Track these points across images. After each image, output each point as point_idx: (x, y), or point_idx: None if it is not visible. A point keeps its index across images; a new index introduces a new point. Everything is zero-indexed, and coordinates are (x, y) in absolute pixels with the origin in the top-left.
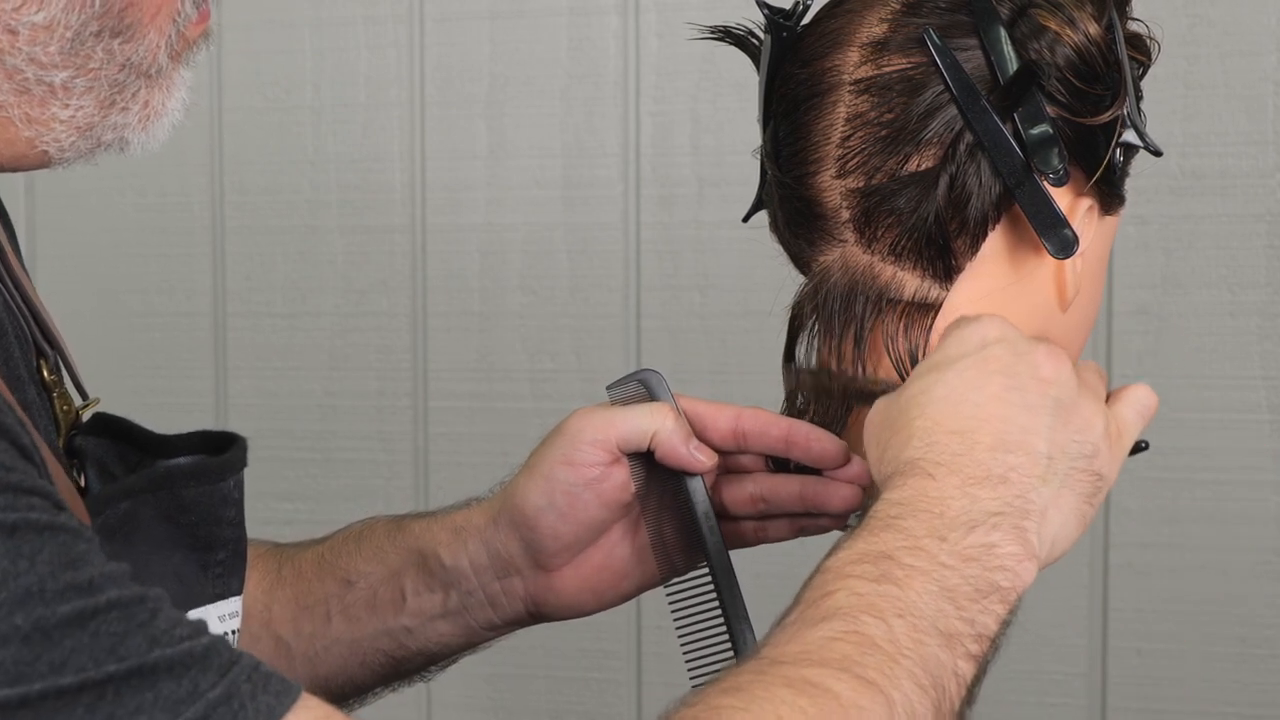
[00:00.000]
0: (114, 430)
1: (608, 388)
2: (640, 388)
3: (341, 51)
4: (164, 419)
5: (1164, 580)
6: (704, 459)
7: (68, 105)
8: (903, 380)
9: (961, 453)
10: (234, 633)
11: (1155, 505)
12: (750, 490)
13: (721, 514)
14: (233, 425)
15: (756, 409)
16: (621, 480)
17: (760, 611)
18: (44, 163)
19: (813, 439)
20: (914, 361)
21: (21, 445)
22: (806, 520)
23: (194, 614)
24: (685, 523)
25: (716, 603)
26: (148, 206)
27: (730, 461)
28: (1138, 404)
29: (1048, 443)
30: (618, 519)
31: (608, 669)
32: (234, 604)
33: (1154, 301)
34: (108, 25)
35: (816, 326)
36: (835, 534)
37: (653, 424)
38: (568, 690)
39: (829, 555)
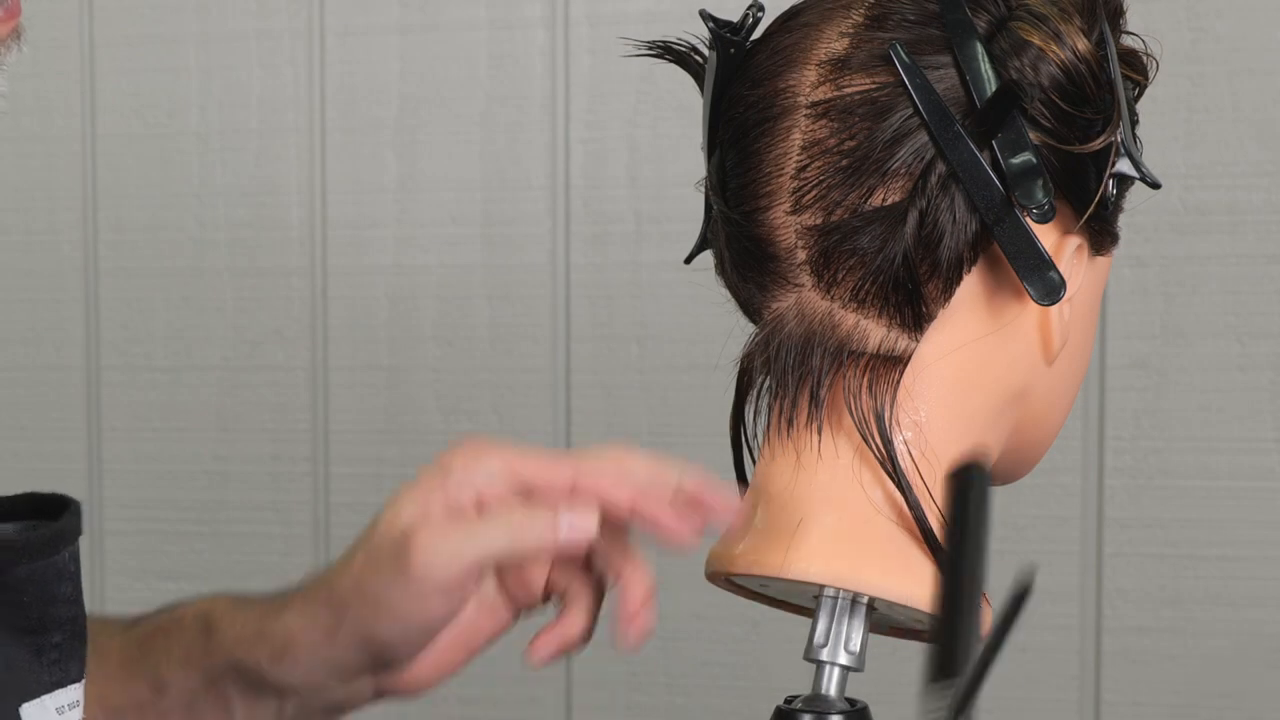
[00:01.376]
0: None
1: None
2: None
3: (231, 70)
4: (30, 487)
5: (1164, 670)
6: (585, 525)
7: None
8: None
9: None
10: None
11: (1154, 585)
12: (551, 578)
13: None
14: (109, 493)
15: (599, 463)
16: (471, 587)
17: (712, 704)
18: None
19: (662, 517)
20: (879, 422)
21: None
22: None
23: (28, 706)
24: None
25: None
26: (11, 245)
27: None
28: None
29: None
30: None
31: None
32: (74, 692)
33: (1153, 354)
34: None
35: (768, 383)
36: None
37: (512, 547)
38: None
39: None
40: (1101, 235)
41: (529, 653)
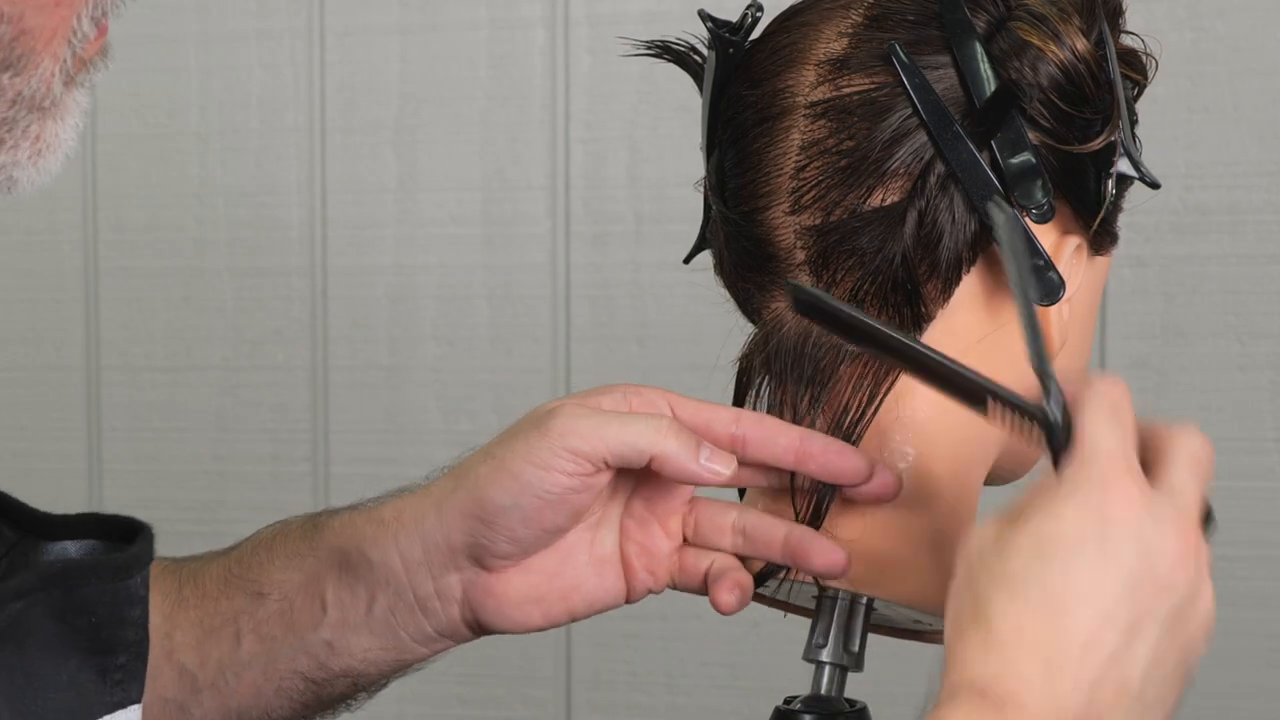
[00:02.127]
0: None
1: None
2: None
3: (231, 70)
4: (30, 488)
5: None
6: (719, 468)
7: None
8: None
9: (1040, 685)
10: None
11: None
12: (733, 519)
13: (688, 540)
14: (108, 493)
15: (760, 413)
16: (597, 490)
17: (712, 704)
18: None
19: (831, 451)
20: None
21: None
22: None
23: None
24: None
25: None
26: (11, 246)
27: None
28: (1191, 470)
29: (1143, 674)
30: (577, 525)
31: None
32: (133, 713)
33: (1153, 354)
34: None
35: (768, 382)
36: None
37: (652, 444)
38: None
39: None
40: (1101, 235)
41: (716, 598)
